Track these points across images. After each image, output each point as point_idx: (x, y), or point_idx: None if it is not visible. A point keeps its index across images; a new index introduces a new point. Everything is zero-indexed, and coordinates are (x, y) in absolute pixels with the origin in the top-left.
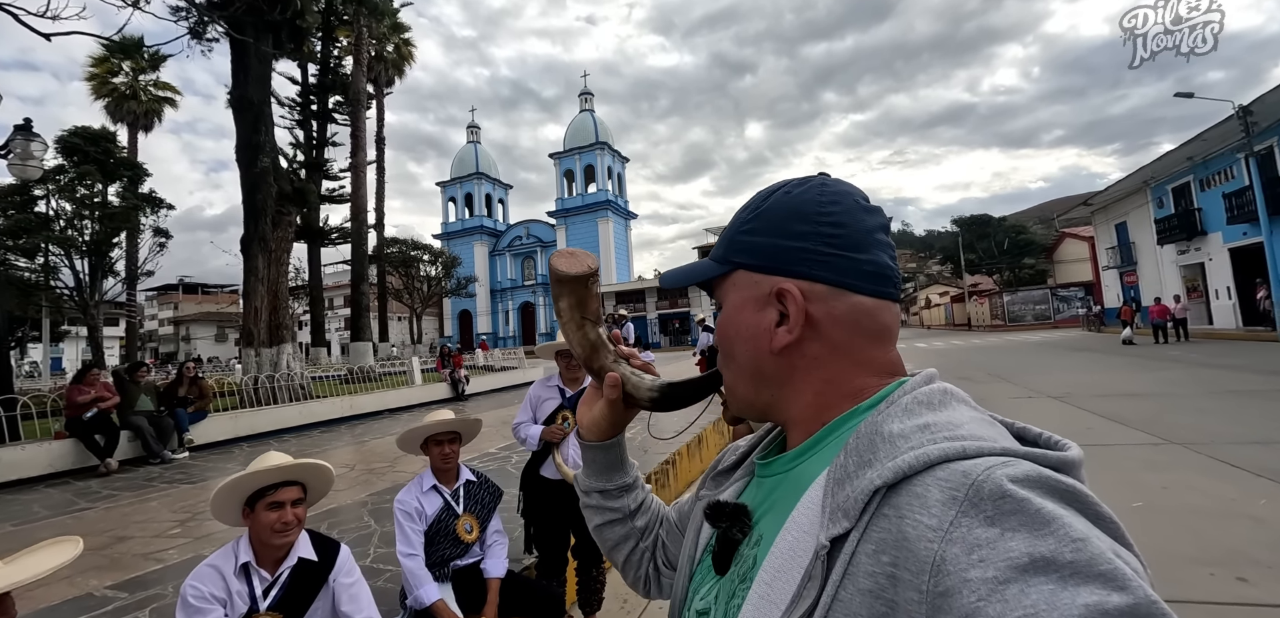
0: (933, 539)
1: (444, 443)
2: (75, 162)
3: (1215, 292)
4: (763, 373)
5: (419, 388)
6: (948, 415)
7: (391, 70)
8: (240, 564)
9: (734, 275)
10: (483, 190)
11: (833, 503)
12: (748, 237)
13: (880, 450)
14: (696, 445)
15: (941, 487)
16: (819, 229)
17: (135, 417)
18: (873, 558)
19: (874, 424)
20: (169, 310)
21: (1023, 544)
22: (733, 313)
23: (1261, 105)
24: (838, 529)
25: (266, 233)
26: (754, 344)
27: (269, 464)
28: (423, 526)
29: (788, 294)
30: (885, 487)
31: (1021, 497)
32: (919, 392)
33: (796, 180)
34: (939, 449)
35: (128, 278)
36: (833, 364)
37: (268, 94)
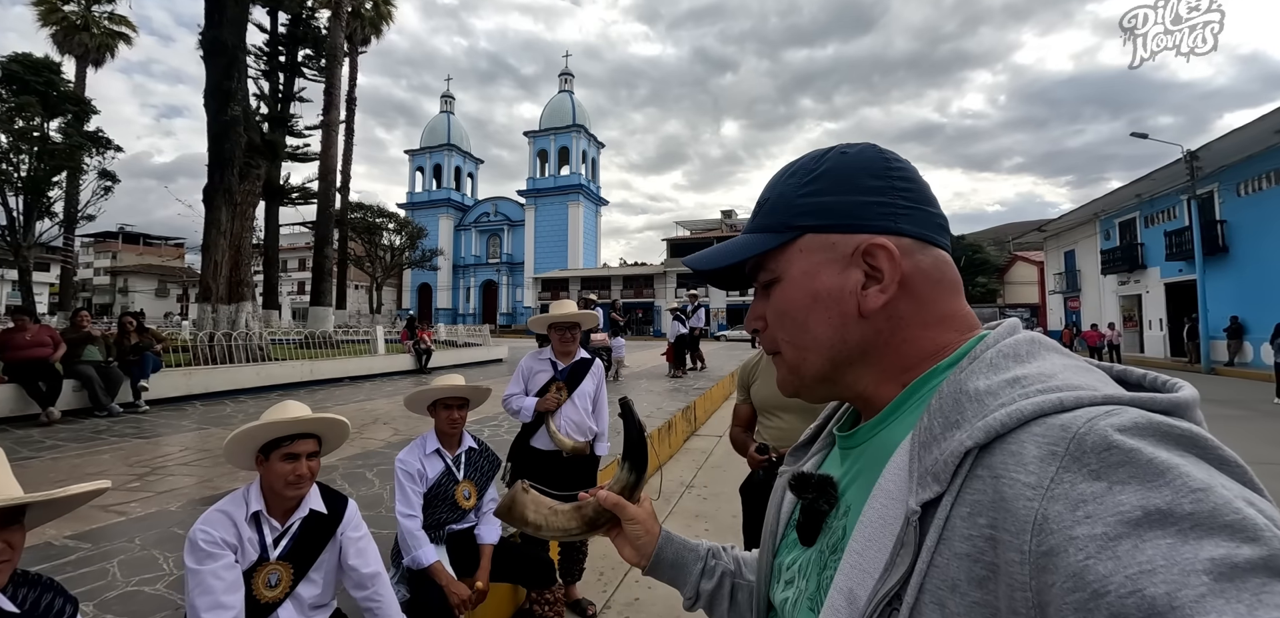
0: (1032, 498)
1: (453, 408)
2: (14, 91)
3: (1149, 322)
4: (846, 342)
5: (382, 357)
6: (1038, 366)
7: (368, 28)
8: (251, 512)
9: (800, 242)
10: (453, 163)
11: (920, 467)
12: (810, 197)
13: (967, 410)
14: (667, 430)
15: (1038, 442)
16: (892, 183)
17: (83, 366)
18: (968, 521)
19: (957, 382)
20: (106, 260)
21: (1134, 497)
22: (803, 280)
23: (1208, 152)
24: (928, 494)
25: (232, 184)
26: (838, 310)
27: (288, 415)
28: (423, 487)
29: (881, 248)
30: (976, 447)
31: (1130, 446)
32: (1004, 344)
33: (843, 145)
34: (1032, 404)
35: (65, 221)
36: (918, 322)
37: (242, 38)
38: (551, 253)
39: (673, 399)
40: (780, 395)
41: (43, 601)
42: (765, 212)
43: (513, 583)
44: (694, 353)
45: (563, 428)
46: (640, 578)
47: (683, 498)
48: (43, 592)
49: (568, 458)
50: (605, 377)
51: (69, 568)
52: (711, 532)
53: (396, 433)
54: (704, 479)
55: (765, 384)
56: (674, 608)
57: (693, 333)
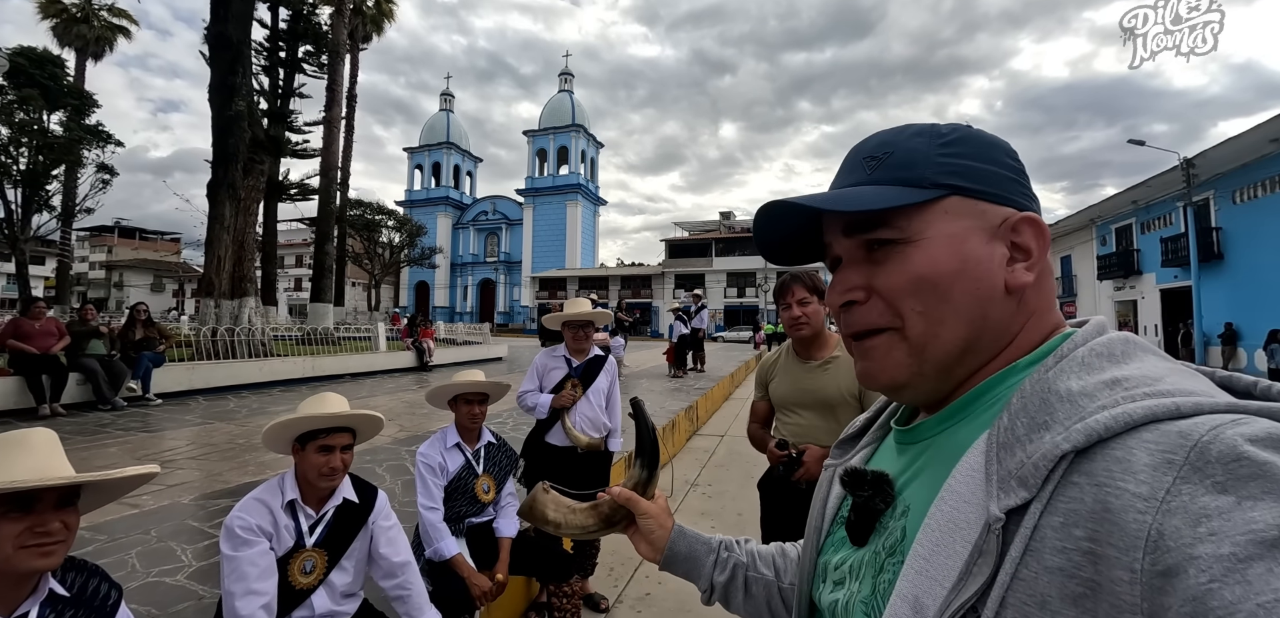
0: (1144, 510)
1: (473, 403)
2: (17, 84)
3: (1144, 328)
4: (989, 320)
5: (383, 354)
6: (1139, 367)
7: (370, 25)
8: (287, 500)
9: (946, 202)
10: (451, 161)
11: (1002, 470)
12: (954, 159)
13: (1058, 411)
14: (671, 429)
15: (1151, 450)
16: (1020, 166)
17: (87, 359)
18: (1061, 532)
19: (1044, 381)
20: (102, 254)
21: (1270, 515)
22: (950, 245)
23: (1204, 160)
24: (1014, 500)
25: (236, 179)
26: (987, 284)
27: (326, 409)
28: (444, 481)
29: (1032, 224)
30: (1073, 451)
31: (1263, 459)
32: (1096, 343)
33: (966, 123)
34: (1143, 407)
35: (63, 214)
36: (1038, 312)
37: (248, 33)
38: (549, 252)
39: (675, 399)
40: (798, 392)
41: (90, 586)
42: (892, 165)
43: (529, 576)
44: (696, 353)
45: (578, 424)
46: (651, 573)
47: (689, 496)
48: (90, 577)
49: (582, 454)
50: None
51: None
52: (718, 529)
53: (402, 429)
54: (708, 477)
55: (783, 381)
56: (685, 602)
57: (695, 333)
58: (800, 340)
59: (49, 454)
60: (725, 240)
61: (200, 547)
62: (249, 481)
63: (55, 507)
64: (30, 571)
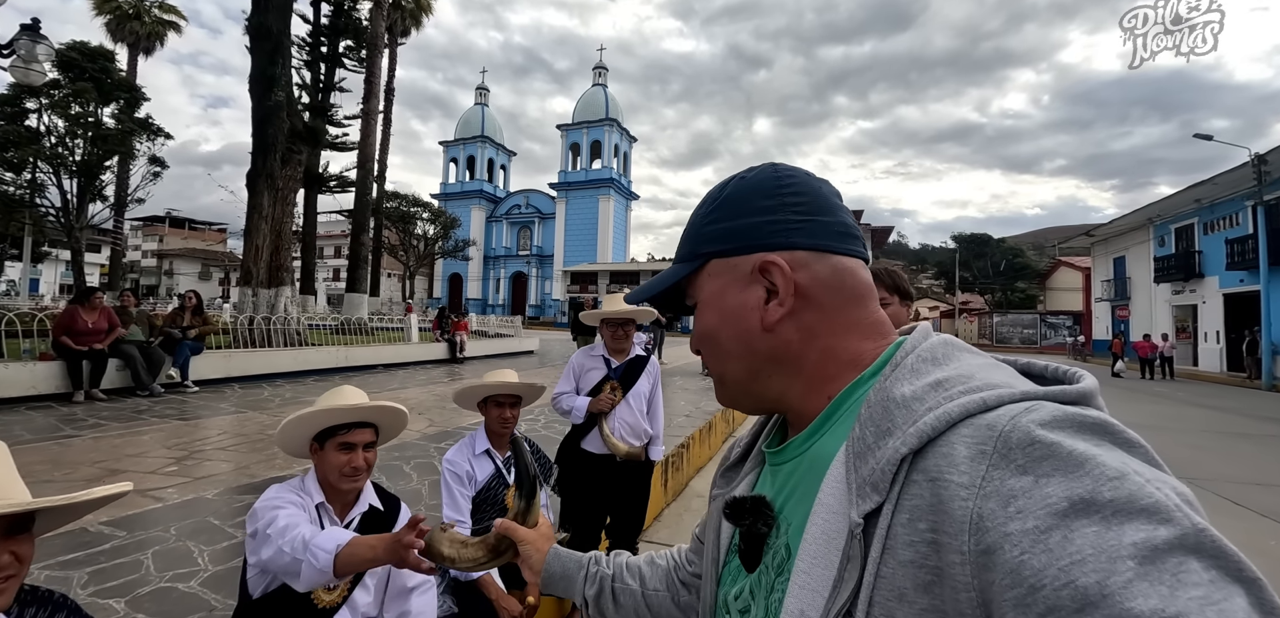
0: (966, 497)
1: (505, 405)
2: (71, 77)
3: (1204, 334)
4: (757, 355)
5: (415, 346)
6: (956, 368)
7: (408, 20)
8: (315, 504)
9: (707, 267)
10: (485, 154)
11: (858, 478)
12: (712, 225)
13: (897, 417)
14: (707, 432)
15: (967, 443)
16: (784, 200)
17: (127, 345)
18: (909, 528)
19: (883, 391)
20: (153, 243)
21: (1059, 488)
22: (713, 301)
23: (1278, 156)
24: (869, 505)
25: (274, 169)
26: (743, 326)
27: (344, 402)
28: (471, 491)
29: (773, 265)
30: (911, 453)
31: (1051, 440)
32: (921, 350)
33: (744, 171)
34: (958, 405)
35: (116, 204)
36: (827, 332)
37: (288, 25)
38: (581, 246)
39: (709, 398)
40: None
41: None
42: (682, 242)
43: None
44: None
45: (616, 431)
46: None
47: None
48: (54, 611)
49: (621, 463)
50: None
51: (102, 558)
52: None
53: (432, 424)
54: None
55: None
56: None
57: None
58: None
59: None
60: None
61: (219, 549)
62: (277, 475)
63: (3, 535)
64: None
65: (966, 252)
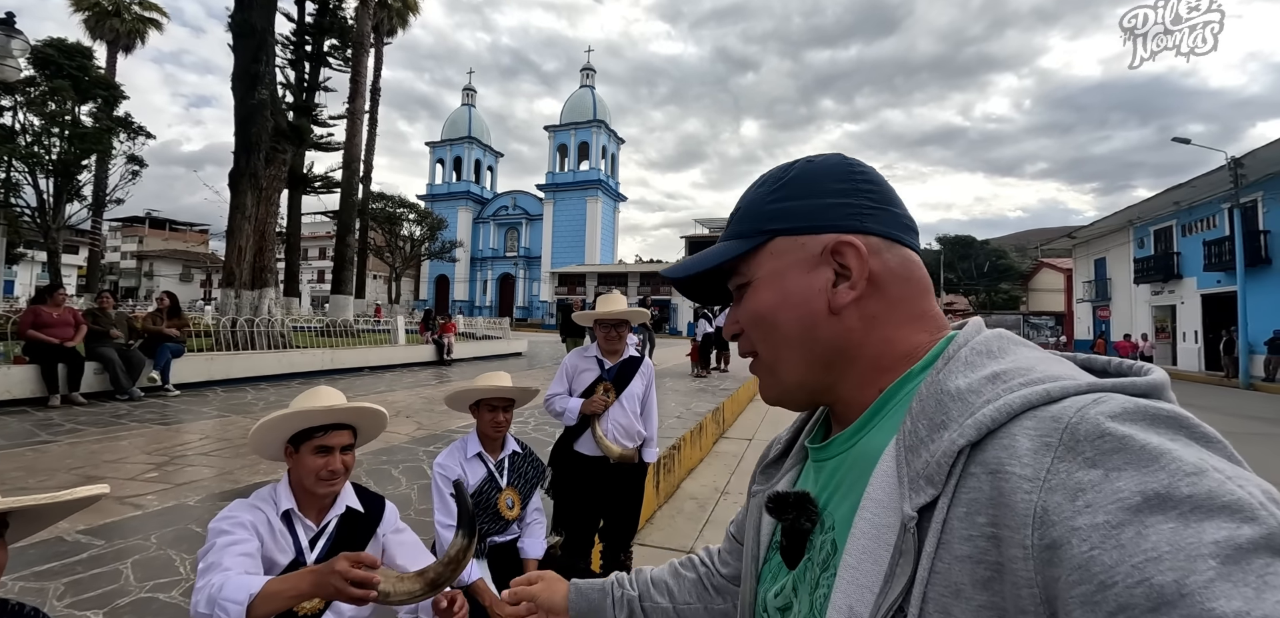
0: (1030, 491)
1: (498, 409)
2: (48, 75)
3: (1183, 334)
4: (817, 340)
5: (403, 348)
6: (1014, 361)
7: (394, 19)
8: (282, 511)
9: (770, 245)
10: (473, 155)
11: (911, 472)
12: (779, 203)
13: (952, 409)
14: (698, 433)
15: (1030, 435)
16: (857, 185)
17: (105, 349)
18: (967, 522)
19: (936, 384)
20: (133, 244)
21: (1132, 483)
22: (773, 281)
23: (1253, 159)
24: (923, 498)
25: (258, 169)
26: (807, 308)
27: (320, 403)
28: None
29: (849, 246)
30: (969, 445)
31: (1122, 433)
32: (975, 342)
33: (811, 155)
34: (1019, 397)
35: (94, 204)
36: (889, 322)
37: (272, 22)
38: (569, 248)
39: (700, 400)
40: None
41: None
42: (737, 220)
43: None
44: (720, 352)
45: (609, 433)
46: None
47: (719, 506)
48: None
49: (614, 465)
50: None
51: (80, 568)
52: None
53: (420, 427)
54: (738, 485)
55: None
56: None
57: (720, 333)
58: None
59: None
60: None
61: None
62: (260, 480)
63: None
64: None
65: (951, 254)
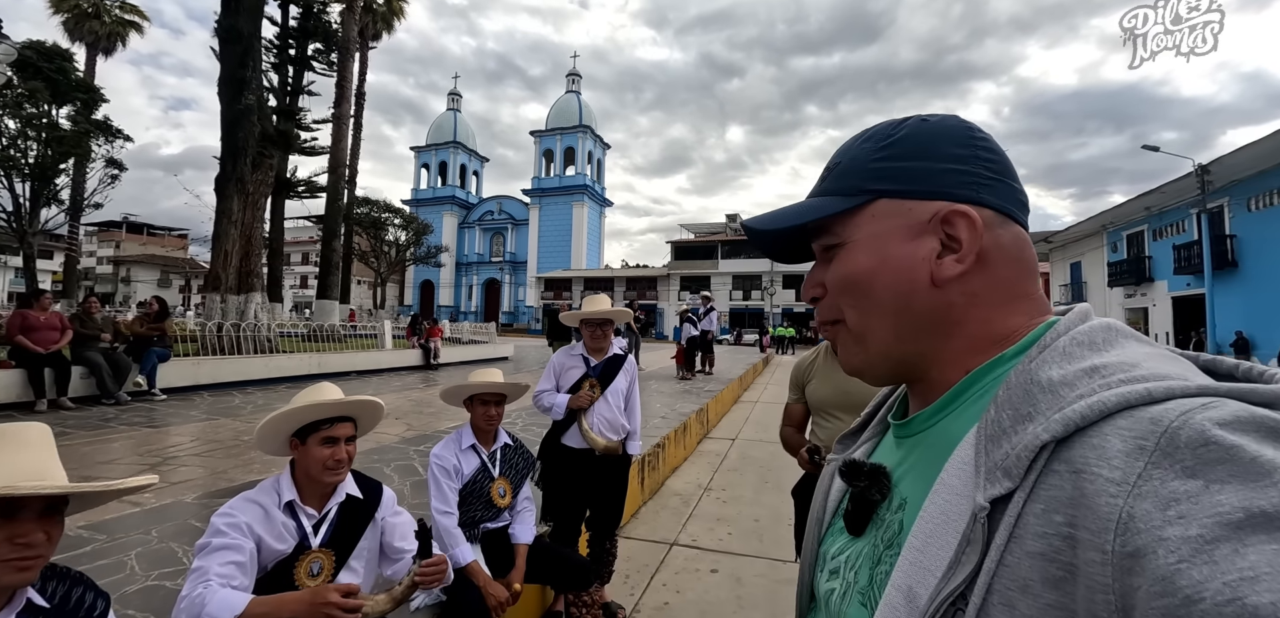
0: (1116, 494)
1: (490, 403)
2: (25, 77)
3: (1155, 336)
4: (914, 312)
5: (389, 352)
6: (1119, 355)
7: (380, 23)
8: (285, 501)
9: (873, 207)
10: (458, 160)
11: (989, 462)
12: (886, 162)
13: (1041, 401)
14: (682, 433)
15: (1124, 436)
16: (976, 152)
17: (92, 353)
18: (1043, 518)
19: (1027, 372)
20: (109, 249)
21: (1235, 498)
22: (872, 245)
23: (1219, 166)
24: (998, 490)
25: (244, 174)
26: (907, 278)
27: (326, 397)
28: (459, 484)
29: (962, 217)
30: (1054, 441)
31: (1230, 443)
32: (1077, 331)
33: (924, 114)
34: (1116, 395)
35: (71, 208)
36: (991, 301)
37: (258, 27)
38: (555, 253)
39: (685, 401)
40: (837, 395)
41: (73, 595)
42: (835, 175)
43: (545, 585)
44: (705, 355)
45: (595, 426)
46: (669, 581)
47: (702, 501)
48: (73, 586)
49: (600, 457)
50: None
51: (85, 560)
52: (734, 535)
53: (409, 428)
54: (722, 481)
55: (822, 383)
56: (704, 611)
57: (705, 336)
58: None
59: (42, 454)
60: (731, 243)
61: None
62: (253, 478)
63: (39, 516)
64: (4, 586)
65: None
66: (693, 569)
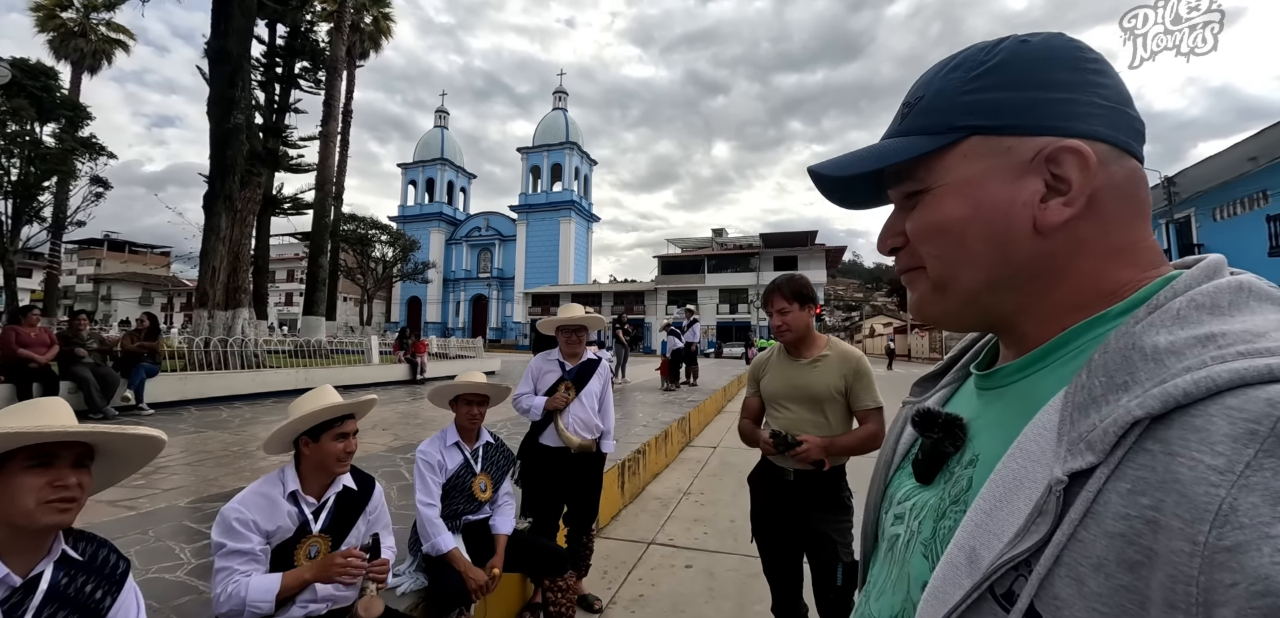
0: (1217, 483)
1: (473, 403)
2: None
3: None
4: (1011, 262)
5: (376, 367)
6: (1243, 322)
7: (367, 42)
8: (289, 491)
9: (963, 145)
10: (445, 177)
11: (1073, 432)
12: (978, 94)
13: (1140, 370)
14: (663, 439)
15: (1232, 418)
16: (1087, 76)
17: (80, 368)
18: (1127, 499)
19: (1130, 335)
20: (90, 266)
21: None
22: (964, 188)
23: (1184, 178)
24: (1080, 463)
25: (233, 192)
26: (1006, 225)
27: (335, 399)
28: (442, 478)
29: (1072, 153)
30: (1148, 418)
31: None
32: (1199, 292)
33: (1023, 34)
34: (1230, 370)
35: (53, 226)
36: (1100, 250)
37: (247, 48)
38: (542, 268)
39: (668, 410)
40: (788, 388)
41: (100, 555)
42: (917, 111)
43: (524, 574)
44: (689, 367)
45: (570, 426)
46: (645, 575)
47: (681, 504)
48: (99, 547)
49: (575, 455)
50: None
51: None
52: (710, 535)
53: (396, 438)
54: (701, 486)
55: (774, 378)
56: (678, 604)
57: (689, 348)
58: (790, 344)
59: (66, 416)
60: (717, 257)
61: (198, 546)
62: (243, 485)
63: (72, 465)
64: (50, 526)
65: None
66: (668, 565)
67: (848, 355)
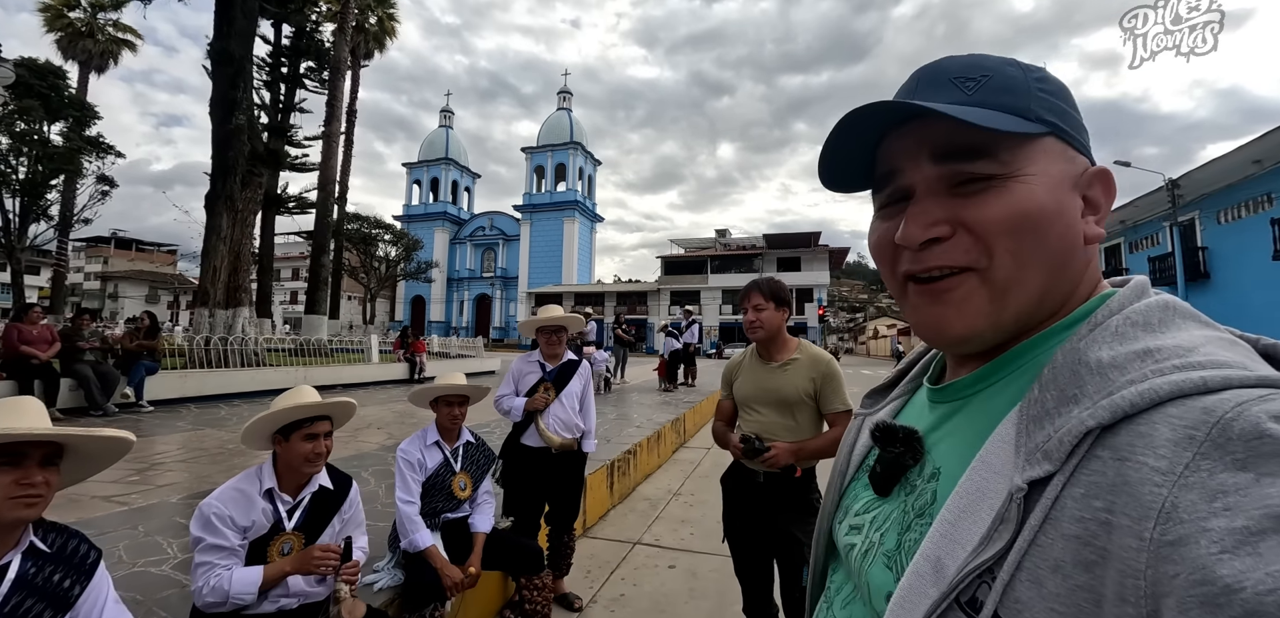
0: (1161, 483)
1: (454, 404)
2: (17, 94)
3: None
4: (1066, 271)
5: (376, 366)
6: (1175, 338)
7: (371, 42)
8: (265, 488)
9: (1044, 142)
10: (450, 176)
11: (1030, 443)
12: (1052, 99)
13: (1088, 384)
14: (656, 440)
15: (1174, 425)
16: (1078, 114)
17: (80, 365)
18: (1081, 503)
19: (1076, 351)
20: (97, 264)
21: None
22: (1051, 186)
23: (1188, 180)
24: (1038, 472)
25: (234, 192)
26: (1073, 233)
27: (306, 399)
28: (422, 476)
29: (1104, 180)
30: (1099, 428)
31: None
32: (1132, 310)
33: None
34: (1169, 382)
35: (61, 224)
36: (1091, 270)
37: (250, 49)
38: (546, 268)
39: (663, 411)
40: (759, 391)
41: (70, 545)
42: (988, 88)
43: (503, 572)
44: (687, 367)
45: (551, 426)
46: (627, 575)
47: (670, 505)
48: (69, 538)
49: (556, 454)
50: (599, 380)
51: None
52: (696, 535)
53: (391, 437)
54: (691, 487)
55: (746, 381)
56: (659, 603)
57: (687, 348)
58: (760, 343)
59: (38, 417)
60: (721, 258)
61: (185, 541)
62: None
63: (40, 464)
64: (15, 521)
65: None
66: (652, 565)
67: (817, 359)
